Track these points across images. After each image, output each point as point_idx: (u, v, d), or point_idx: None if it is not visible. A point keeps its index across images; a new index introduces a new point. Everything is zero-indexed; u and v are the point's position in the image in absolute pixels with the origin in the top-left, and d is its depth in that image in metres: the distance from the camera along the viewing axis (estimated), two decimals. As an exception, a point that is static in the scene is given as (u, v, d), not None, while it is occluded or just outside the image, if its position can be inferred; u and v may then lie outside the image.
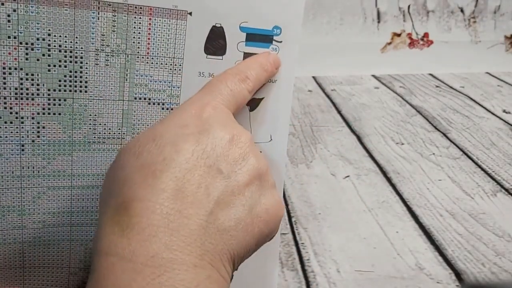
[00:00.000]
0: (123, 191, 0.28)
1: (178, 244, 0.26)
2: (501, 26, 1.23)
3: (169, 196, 0.27)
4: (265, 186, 0.31)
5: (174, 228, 0.27)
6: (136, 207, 0.27)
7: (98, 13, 0.33)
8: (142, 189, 0.27)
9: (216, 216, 0.28)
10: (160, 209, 0.27)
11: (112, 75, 0.35)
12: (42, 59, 0.33)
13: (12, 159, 0.34)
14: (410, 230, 0.59)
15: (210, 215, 0.28)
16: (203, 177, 0.28)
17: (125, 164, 0.29)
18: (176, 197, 0.27)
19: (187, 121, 0.30)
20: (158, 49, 0.35)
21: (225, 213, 0.29)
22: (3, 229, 0.36)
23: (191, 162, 0.29)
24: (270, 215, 0.31)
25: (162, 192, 0.27)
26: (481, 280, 0.52)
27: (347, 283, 0.51)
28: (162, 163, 0.28)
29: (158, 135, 0.30)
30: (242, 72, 0.35)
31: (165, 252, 0.26)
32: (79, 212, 0.37)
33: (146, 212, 0.27)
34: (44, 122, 0.34)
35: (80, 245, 0.38)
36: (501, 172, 0.73)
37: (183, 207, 0.27)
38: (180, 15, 0.35)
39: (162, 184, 0.27)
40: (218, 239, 0.28)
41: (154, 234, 0.26)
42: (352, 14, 1.14)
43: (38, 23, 0.32)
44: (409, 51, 1.18)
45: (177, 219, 0.27)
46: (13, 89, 0.33)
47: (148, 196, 0.27)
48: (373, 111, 0.95)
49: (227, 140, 0.30)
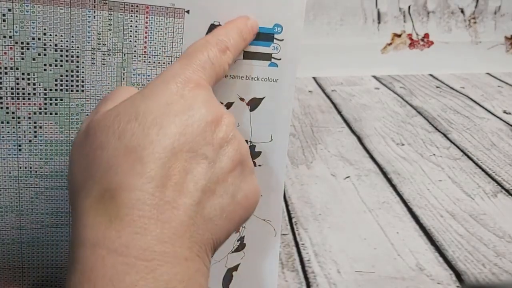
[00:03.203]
0: (108, 176, 0.26)
1: (170, 236, 0.25)
2: (501, 27, 1.22)
3: (158, 185, 0.26)
4: (246, 171, 0.31)
5: (164, 219, 0.26)
6: (124, 197, 0.25)
7: (94, 12, 0.33)
8: (130, 177, 0.26)
9: (204, 205, 0.27)
10: (150, 200, 0.25)
11: (108, 75, 0.35)
12: (38, 58, 0.33)
13: (9, 159, 0.34)
14: (410, 230, 0.59)
15: (198, 205, 0.27)
16: (189, 163, 0.27)
17: (105, 144, 0.27)
18: (165, 186, 0.26)
19: (171, 99, 0.29)
20: (155, 48, 0.35)
21: (211, 202, 0.28)
22: (1, 230, 0.35)
23: (177, 146, 0.27)
24: (250, 201, 0.30)
25: (151, 180, 0.26)
26: (482, 280, 0.51)
27: (347, 283, 0.50)
28: (149, 148, 0.26)
29: (141, 113, 0.28)
30: (222, 42, 0.33)
31: (157, 245, 0.25)
32: (77, 213, 0.37)
33: (136, 203, 0.25)
34: (41, 122, 0.34)
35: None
36: (501, 172, 0.73)
37: (172, 196, 0.26)
38: (177, 13, 0.35)
39: (151, 171, 0.26)
40: (204, 229, 0.27)
41: (145, 226, 0.25)
42: (352, 14, 1.14)
43: (33, 22, 0.32)
44: (409, 52, 1.18)
45: (167, 210, 0.26)
46: (9, 88, 0.33)
47: (137, 184, 0.26)
48: (374, 112, 0.94)
49: (211, 121, 0.29)
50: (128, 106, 0.28)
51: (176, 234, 0.26)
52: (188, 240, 0.26)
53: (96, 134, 0.28)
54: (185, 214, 0.26)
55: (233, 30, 0.34)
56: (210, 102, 0.30)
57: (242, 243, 0.41)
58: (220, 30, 0.34)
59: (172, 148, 0.27)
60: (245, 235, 0.41)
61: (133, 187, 0.26)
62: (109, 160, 0.27)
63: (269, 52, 0.37)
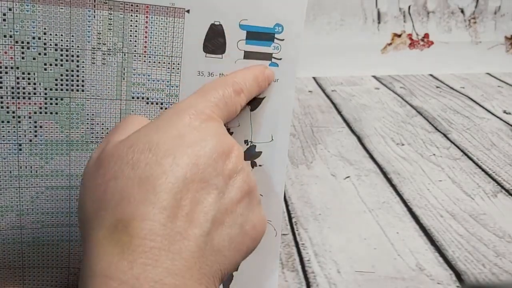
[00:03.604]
0: (121, 207, 0.26)
1: (180, 268, 0.25)
2: (501, 27, 1.22)
3: (169, 215, 0.26)
4: (254, 202, 0.31)
5: (175, 251, 0.25)
6: (137, 227, 0.25)
7: (94, 11, 0.33)
8: (143, 206, 0.26)
9: (212, 236, 0.27)
10: (162, 230, 0.25)
11: (109, 74, 0.34)
12: (38, 58, 0.33)
13: (10, 158, 0.34)
14: (410, 230, 0.59)
15: (208, 236, 0.27)
16: (199, 193, 0.27)
17: (118, 174, 0.27)
18: (176, 216, 0.26)
19: (183, 131, 0.29)
20: (156, 48, 0.35)
21: (220, 232, 0.28)
22: (2, 229, 0.35)
23: (189, 176, 0.27)
24: (257, 231, 0.30)
25: (164, 210, 0.26)
26: (482, 281, 0.51)
27: (347, 283, 0.50)
28: (162, 177, 0.27)
29: (155, 144, 0.28)
30: (238, 84, 0.34)
31: (168, 278, 0.25)
32: (77, 212, 0.37)
33: (148, 233, 0.25)
34: (41, 122, 0.34)
35: (79, 245, 0.38)
36: (501, 172, 0.73)
37: (183, 227, 0.26)
38: (178, 13, 0.35)
39: (164, 201, 0.26)
40: (213, 260, 0.27)
41: (157, 258, 0.25)
42: (352, 14, 1.14)
43: (33, 21, 0.32)
44: (409, 52, 1.18)
45: (178, 241, 0.26)
46: (9, 88, 0.33)
47: (150, 215, 0.26)
48: (374, 112, 0.94)
49: (221, 154, 0.29)
50: (142, 136, 0.29)
51: (186, 266, 0.25)
52: (197, 272, 0.26)
53: (110, 165, 0.28)
54: (195, 245, 0.26)
55: (250, 76, 0.35)
56: (221, 135, 0.30)
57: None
58: (238, 73, 0.35)
59: (184, 178, 0.27)
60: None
61: (146, 217, 0.26)
62: (123, 190, 0.27)
63: (270, 51, 0.37)
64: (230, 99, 0.33)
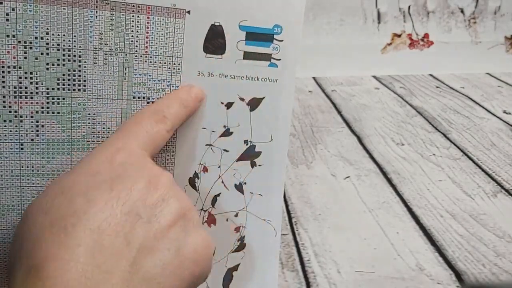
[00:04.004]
0: (33, 253, 0.25)
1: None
2: (501, 27, 1.22)
3: (84, 251, 0.25)
4: (190, 225, 0.30)
5: (93, 286, 0.24)
6: (47, 268, 0.24)
7: (96, 12, 0.33)
8: (54, 248, 0.25)
9: (140, 265, 0.26)
10: (75, 267, 0.24)
11: (110, 74, 0.35)
12: (41, 57, 0.33)
13: (11, 158, 0.34)
14: (410, 230, 0.59)
15: (133, 265, 0.26)
16: (120, 225, 0.26)
17: (33, 223, 0.27)
18: (93, 251, 0.25)
19: (98, 168, 0.29)
20: (157, 48, 0.35)
21: (149, 259, 0.27)
22: (3, 229, 0.35)
23: (106, 211, 0.26)
24: (199, 254, 0.29)
25: (76, 247, 0.25)
26: (482, 280, 0.52)
27: (347, 283, 0.50)
28: (73, 217, 0.26)
29: (67, 187, 0.28)
30: (158, 112, 0.33)
31: None
32: (78, 212, 0.37)
33: (60, 272, 0.24)
34: (43, 121, 0.34)
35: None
36: (501, 172, 0.73)
37: (101, 260, 0.25)
38: (178, 13, 0.35)
39: (75, 239, 0.25)
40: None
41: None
42: (352, 14, 1.14)
43: (36, 21, 0.32)
44: (409, 52, 1.18)
45: (96, 275, 0.24)
46: (12, 87, 0.33)
47: (61, 254, 0.25)
48: (374, 112, 0.95)
49: (144, 184, 0.28)
50: (57, 182, 0.28)
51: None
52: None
53: (27, 216, 0.28)
54: (118, 276, 0.25)
55: (173, 100, 0.35)
56: (142, 166, 0.30)
57: (242, 243, 0.41)
58: (160, 101, 0.35)
59: (100, 213, 0.26)
60: (245, 235, 0.41)
61: (57, 256, 0.25)
62: (35, 236, 0.26)
63: (269, 52, 0.37)
64: (152, 129, 0.32)
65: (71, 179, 0.28)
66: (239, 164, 0.39)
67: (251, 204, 0.40)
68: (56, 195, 0.27)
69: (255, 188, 0.40)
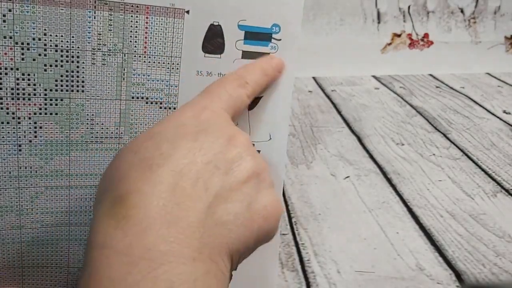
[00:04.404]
0: (120, 185, 0.28)
1: (176, 236, 0.26)
2: (501, 27, 1.22)
3: (166, 189, 0.27)
4: (263, 185, 0.31)
5: (171, 220, 0.26)
6: (132, 199, 0.27)
7: (95, 12, 0.33)
8: (139, 182, 0.27)
9: (215, 210, 0.28)
10: (157, 201, 0.26)
11: (109, 75, 0.35)
12: (38, 59, 0.33)
13: (10, 159, 0.34)
14: (410, 230, 0.59)
15: (209, 209, 0.28)
16: (200, 172, 0.28)
17: (121, 162, 0.29)
18: (174, 190, 0.27)
19: (185, 122, 0.31)
20: (155, 48, 0.35)
21: (223, 207, 0.28)
22: (1, 229, 0.35)
23: (189, 157, 0.29)
24: (269, 211, 0.31)
25: (159, 184, 0.27)
26: (482, 280, 0.51)
27: (347, 283, 0.50)
28: (159, 157, 0.28)
29: (156, 133, 0.30)
30: (241, 77, 0.35)
31: (162, 245, 0.25)
32: (77, 212, 0.37)
33: (143, 204, 0.26)
34: (41, 122, 0.34)
35: (79, 244, 0.38)
36: (501, 172, 0.73)
37: (181, 199, 0.27)
38: (177, 13, 0.35)
39: (159, 177, 0.27)
40: (217, 233, 0.27)
41: (151, 226, 0.26)
42: (352, 14, 1.14)
43: (33, 22, 0.32)
44: (409, 52, 1.18)
45: (175, 211, 0.26)
46: (9, 89, 0.33)
47: (145, 188, 0.27)
48: (373, 112, 0.94)
49: (224, 140, 0.30)
50: (147, 131, 0.31)
51: (183, 234, 0.26)
52: (197, 241, 0.26)
53: (117, 156, 0.30)
54: (194, 216, 0.27)
55: (255, 67, 0.37)
56: (224, 124, 0.32)
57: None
58: (242, 67, 0.37)
59: (183, 158, 0.28)
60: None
61: (141, 190, 0.27)
62: (123, 172, 0.28)
63: (267, 51, 0.37)
64: (235, 92, 0.34)
65: (160, 128, 0.30)
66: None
67: (250, 204, 0.40)
68: (145, 139, 0.30)
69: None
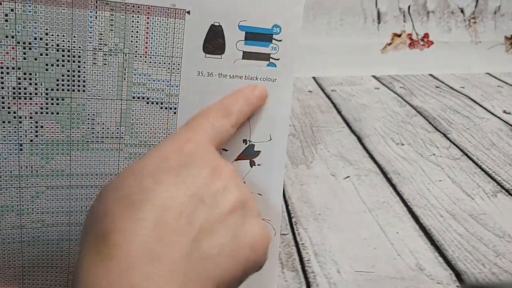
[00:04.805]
0: (103, 223, 0.28)
1: (159, 273, 0.26)
2: (501, 27, 1.22)
3: (149, 225, 0.27)
4: (249, 214, 0.31)
5: (154, 257, 0.26)
6: (115, 237, 0.26)
7: (96, 12, 0.33)
8: (121, 219, 0.27)
9: (200, 244, 0.28)
10: (140, 238, 0.26)
11: (110, 74, 0.35)
12: (40, 58, 0.33)
13: (10, 158, 0.34)
14: (410, 230, 0.59)
15: (193, 243, 0.27)
16: (183, 206, 0.28)
17: (104, 199, 0.29)
18: (157, 226, 0.27)
19: (168, 155, 0.31)
20: (156, 48, 0.35)
21: (209, 240, 0.28)
22: (2, 229, 0.36)
23: (171, 191, 0.28)
24: (256, 241, 0.30)
25: (142, 220, 0.27)
26: (482, 280, 0.52)
27: (347, 283, 0.50)
28: (141, 193, 0.28)
29: (138, 169, 0.30)
30: (225, 108, 0.35)
31: (145, 282, 0.25)
32: (78, 212, 0.37)
33: (125, 242, 0.26)
34: (42, 122, 0.34)
35: (79, 244, 0.38)
36: (501, 172, 0.73)
37: (164, 235, 0.27)
38: (178, 14, 0.35)
39: (142, 213, 0.27)
40: (202, 267, 0.27)
41: (134, 264, 0.26)
42: (352, 14, 1.14)
43: (35, 22, 0.32)
44: (409, 52, 1.18)
45: (158, 248, 0.26)
46: (11, 88, 0.33)
47: (127, 225, 0.27)
48: (373, 112, 0.94)
49: (208, 172, 0.30)
50: (129, 167, 0.31)
51: (167, 271, 0.26)
52: (182, 276, 0.26)
53: (100, 194, 0.30)
54: (178, 251, 0.27)
55: (238, 97, 0.37)
56: (208, 156, 0.32)
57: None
58: (226, 97, 0.37)
59: (166, 193, 0.28)
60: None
61: (124, 228, 0.27)
62: (106, 209, 0.28)
63: (268, 52, 0.37)
64: (219, 123, 0.34)
65: (142, 163, 0.30)
66: (238, 164, 0.39)
67: (251, 204, 0.40)
68: (127, 175, 0.30)
69: (254, 188, 0.40)
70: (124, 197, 0.28)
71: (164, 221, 0.27)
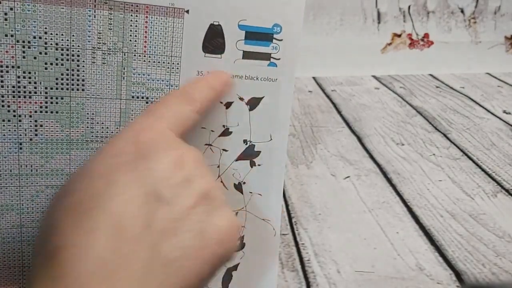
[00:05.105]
0: (52, 238, 0.25)
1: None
2: (501, 27, 1.22)
3: (102, 236, 0.24)
4: (214, 205, 0.29)
5: (109, 273, 0.24)
6: (66, 255, 0.24)
7: (95, 11, 0.33)
8: (72, 233, 0.25)
9: (160, 248, 0.26)
10: (92, 253, 0.24)
11: (109, 74, 0.35)
12: (39, 57, 0.33)
13: (10, 157, 0.34)
14: (410, 230, 0.59)
15: (154, 248, 0.25)
16: (141, 207, 0.26)
17: (56, 207, 0.27)
18: (112, 235, 0.25)
19: (122, 149, 0.28)
20: (155, 48, 0.35)
21: (170, 242, 0.26)
22: (2, 228, 0.35)
23: (126, 193, 0.26)
24: (224, 233, 0.28)
25: (94, 232, 0.24)
26: (482, 280, 0.51)
27: (347, 283, 0.50)
28: (92, 199, 0.26)
29: (90, 169, 0.27)
30: (187, 93, 0.33)
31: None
32: (77, 212, 0.37)
33: (77, 259, 0.24)
34: (41, 121, 0.34)
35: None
36: (501, 172, 0.73)
37: (120, 245, 0.24)
38: (177, 13, 0.35)
39: (94, 222, 0.25)
40: (165, 274, 0.25)
41: (88, 283, 0.23)
42: (352, 14, 1.14)
43: (34, 21, 0.32)
44: (409, 52, 1.18)
45: (113, 261, 0.24)
46: (10, 87, 0.33)
47: (78, 240, 0.24)
48: (373, 112, 0.94)
49: (169, 163, 0.28)
50: (80, 168, 0.28)
51: (127, 284, 0.24)
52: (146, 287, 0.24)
53: (53, 200, 0.28)
54: (137, 260, 0.25)
55: (201, 83, 0.35)
56: (169, 144, 0.29)
57: (242, 243, 0.41)
58: (188, 84, 0.35)
59: (119, 195, 0.26)
60: (245, 234, 0.41)
61: (75, 244, 0.24)
62: (57, 220, 0.26)
63: (268, 52, 0.37)
64: (180, 109, 0.32)
65: (95, 161, 0.28)
66: (238, 164, 0.39)
67: (251, 203, 0.40)
68: (79, 179, 0.27)
69: (254, 188, 0.40)
70: (75, 205, 0.26)
71: (119, 229, 0.25)
